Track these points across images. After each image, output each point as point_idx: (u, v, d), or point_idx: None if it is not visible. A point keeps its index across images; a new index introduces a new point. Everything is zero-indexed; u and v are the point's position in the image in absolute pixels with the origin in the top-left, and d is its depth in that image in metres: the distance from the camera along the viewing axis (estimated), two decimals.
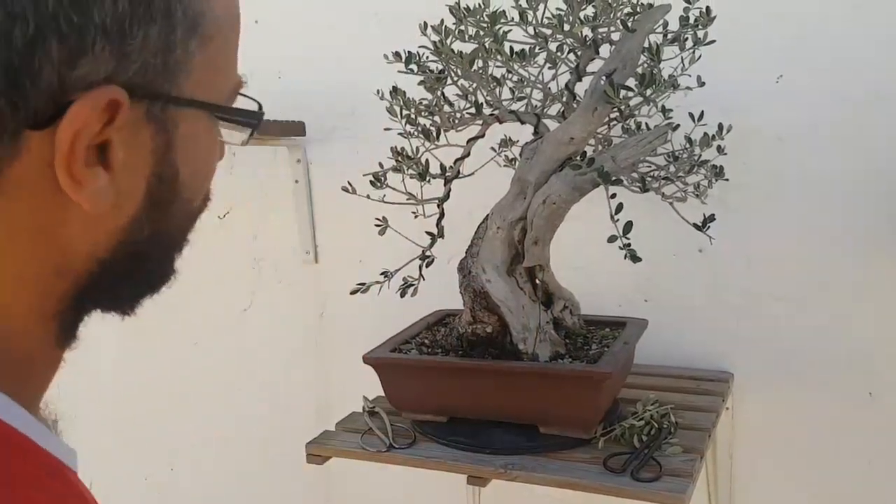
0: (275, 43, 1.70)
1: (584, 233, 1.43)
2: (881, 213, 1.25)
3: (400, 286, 1.18)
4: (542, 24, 1.04)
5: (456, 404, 1.14)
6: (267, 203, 1.80)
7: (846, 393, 1.31)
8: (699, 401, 1.24)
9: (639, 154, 1.02)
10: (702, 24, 1.03)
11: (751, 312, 1.36)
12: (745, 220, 1.34)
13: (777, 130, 1.29)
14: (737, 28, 1.26)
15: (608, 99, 0.96)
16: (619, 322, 1.26)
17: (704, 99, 1.17)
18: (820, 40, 1.24)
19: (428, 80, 1.06)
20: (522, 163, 1.09)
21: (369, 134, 1.64)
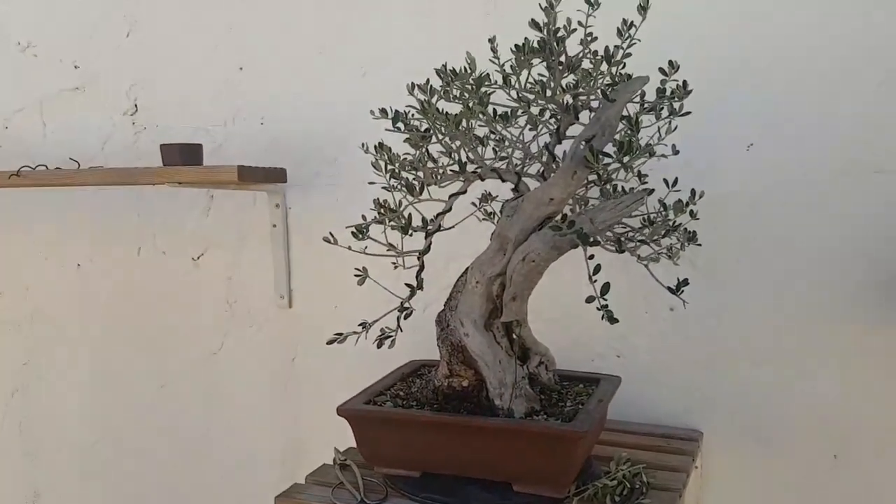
0: (259, 89, 1.72)
1: (561, 286, 1.45)
2: (847, 279, 1.30)
3: (377, 337, 1.18)
4: (524, 89, 1.08)
5: (430, 459, 1.13)
6: (243, 246, 1.80)
7: (812, 454, 1.34)
8: (670, 460, 1.25)
9: (616, 217, 1.05)
10: (678, 97, 1.07)
11: (720, 372, 1.39)
12: (715, 281, 1.37)
13: (747, 197, 1.34)
14: (710, 97, 1.31)
15: (588, 164, 0.99)
16: (593, 378, 1.28)
17: (679, 165, 1.21)
18: (790, 111, 1.30)
19: (413, 137, 1.08)
20: (503, 220, 1.11)
21: (350, 182, 1.66)
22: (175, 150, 1.54)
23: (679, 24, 1.35)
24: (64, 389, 2.04)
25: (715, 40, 1.33)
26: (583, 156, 1.00)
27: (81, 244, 1.95)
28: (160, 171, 1.52)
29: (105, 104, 1.86)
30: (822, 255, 1.31)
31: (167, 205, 1.85)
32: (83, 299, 1.97)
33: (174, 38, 1.79)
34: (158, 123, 1.83)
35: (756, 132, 1.33)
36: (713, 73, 1.32)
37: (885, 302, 1.27)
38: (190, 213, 1.83)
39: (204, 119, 1.78)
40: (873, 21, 1.24)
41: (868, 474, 1.31)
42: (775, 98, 1.31)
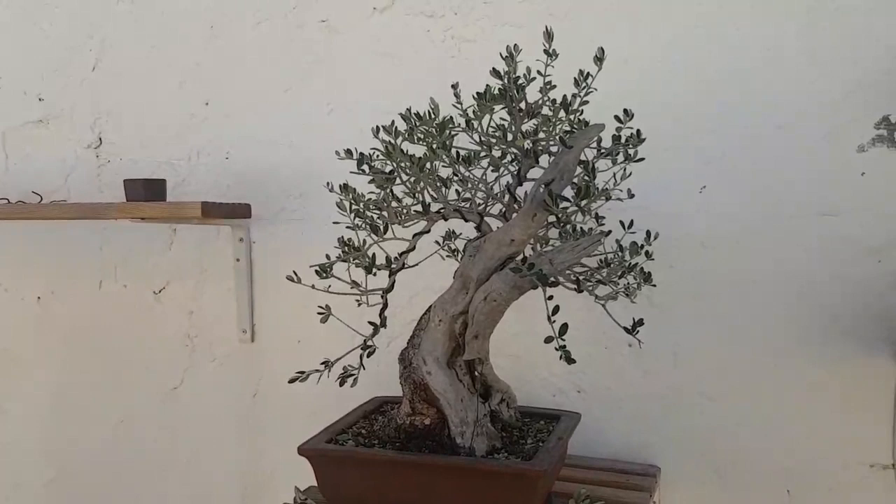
0: (225, 125, 1.73)
1: (522, 324, 1.48)
2: (798, 318, 1.34)
3: (340, 375, 1.18)
4: (486, 133, 1.11)
5: (392, 498, 1.13)
6: (205, 279, 1.79)
7: (766, 489, 1.37)
8: (628, 496, 1.27)
9: (574, 258, 1.08)
10: (633, 144, 1.11)
11: (676, 407, 1.42)
12: (671, 318, 1.41)
13: (700, 237, 1.39)
14: (665, 141, 1.37)
15: (547, 207, 1.03)
16: (554, 415, 1.30)
17: (635, 207, 1.26)
18: (742, 155, 1.36)
19: (378, 179, 1.10)
20: (466, 259, 1.14)
21: (315, 218, 1.67)
22: (139, 185, 1.53)
23: (634, 73, 1.40)
24: (21, 424, 1.99)
25: (669, 88, 1.39)
26: (542, 199, 1.04)
27: (42, 277, 1.92)
28: (123, 207, 1.52)
29: (69, 137, 1.85)
30: (772, 293, 1.35)
31: (129, 238, 1.84)
32: (43, 332, 1.93)
33: (140, 72, 1.79)
34: (122, 157, 1.83)
35: (709, 175, 1.38)
36: (667, 119, 1.38)
37: (835, 339, 1.32)
38: (152, 247, 1.82)
39: (169, 153, 1.78)
40: (817, 73, 1.31)
41: None
42: (727, 143, 1.36)
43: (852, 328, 1.31)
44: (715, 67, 1.36)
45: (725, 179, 1.37)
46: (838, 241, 1.31)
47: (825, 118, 1.31)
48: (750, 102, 1.35)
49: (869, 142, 1.29)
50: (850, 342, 1.31)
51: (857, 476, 1.32)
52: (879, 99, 1.28)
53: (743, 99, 1.35)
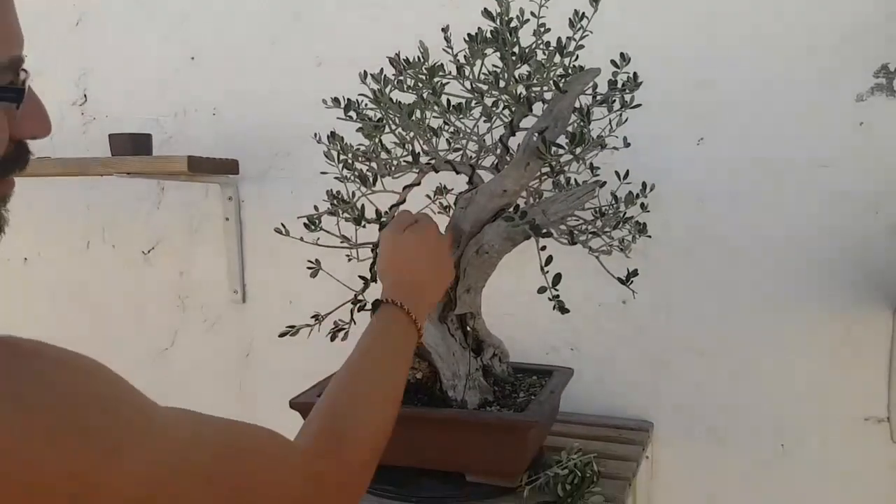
0: (211, 80, 1.69)
1: (515, 281, 1.46)
2: (793, 271, 1.33)
3: (330, 330, 1.16)
4: (478, 80, 1.08)
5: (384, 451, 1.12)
6: (195, 240, 1.77)
7: (759, 444, 1.37)
8: (621, 450, 1.27)
9: (568, 209, 1.06)
10: (629, 89, 1.08)
11: (669, 364, 1.41)
12: (665, 274, 1.40)
13: (697, 190, 1.36)
14: (662, 92, 1.33)
15: (540, 155, 1.00)
16: (546, 370, 1.28)
17: (630, 158, 1.23)
18: (740, 107, 1.33)
19: (366, 127, 1.07)
20: (457, 212, 1.11)
21: (304, 175, 1.64)
22: (124, 139, 1.50)
23: (631, 17, 1.36)
24: None
25: (667, 35, 1.35)
26: (535, 147, 1.01)
27: (28, 238, 1.89)
28: (108, 162, 1.49)
29: (54, 94, 1.79)
30: (769, 247, 1.34)
31: (117, 198, 1.81)
32: (30, 295, 1.91)
33: (124, 27, 1.75)
34: (108, 114, 1.79)
35: (706, 127, 1.35)
36: (665, 67, 1.34)
37: (828, 292, 1.31)
38: (140, 207, 1.79)
39: (155, 110, 1.74)
40: (814, 20, 1.27)
41: (814, 463, 1.34)
42: (725, 94, 1.33)
43: (848, 281, 1.29)
44: (712, 13, 1.32)
45: (723, 131, 1.34)
46: (836, 193, 1.29)
47: (823, 67, 1.28)
48: (748, 52, 1.31)
49: (867, 91, 1.26)
50: (846, 295, 1.30)
51: (851, 430, 1.31)
52: (878, 46, 1.24)
53: (741, 47, 1.31)
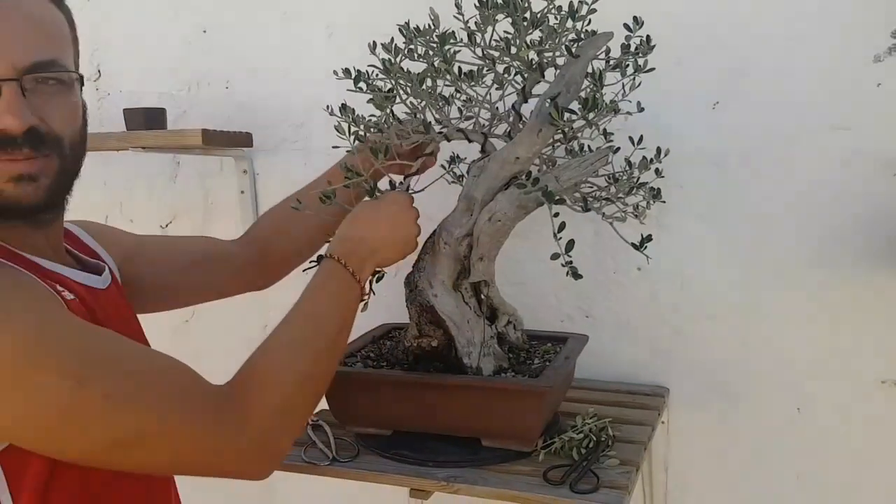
0: (223, 53, 1.69)
1: (529, 250, 1.47)
2: (808, 236, 1.32)
3: None
4: (489, 47, 1.07)
5: (400, 418, 1.14)
6: (211, 213, 1.78)
7: (775, 408, 1.37)
8: (636, 415, 1.28)
9: (581, 175, 1.06)
10: (642, 53, 1.07)
11: (684, 329, 1.42)
12: (680, 240, 1.39)
13: (712, 155, 1.35)
14: (676, 56, 1.32)
15: (552, 121, 1.00)
16: (561, 337, 1.29)
17: (644, 123, 1.22)
18: (755, 71, 1.31)
19: (377, 98, 1.07)
20: (470, 180, 1.11)
21: (318, 147, 1.64)
22: (139, 114, 1.51)
23: None
24: None
25: None
26: (548, 113, 1.00)
27: None
28: (124, 136, 1.50)
29: None
30: (784, 211, 1.32)
31: (132, 172, 1.82)
32: None
33: (136, 1, 1.74)
34: (122, 89, 1.79)
35: (722, 91, 1.33)
36: (679, 31, 1.32)
37: (844, 257, 1.30)
38: (156, 181, 1.81)
39: (169, 84, 1.74)
40: None
41: (830, 427, 1.35)
42: (740, 56, 1.31)
43: (864, 245, 1.28)
44: None
45: (738, 95, 1.33)
46: (852, 156, 1.27)
47: (839, 27, 1.25)
48: (762, 14, 1.29)
49: (885, 51, 1.23)
50: (862, 259, 1.29)
51: (867, 392, 1.31)
52: None
53: (756, 9, 1.29)
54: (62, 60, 0.73)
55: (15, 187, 0.71)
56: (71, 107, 0.75)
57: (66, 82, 0.74)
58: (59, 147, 0.74)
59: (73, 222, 0.96)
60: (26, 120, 0.69)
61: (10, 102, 0.68)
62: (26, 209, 0.73)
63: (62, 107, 0.73)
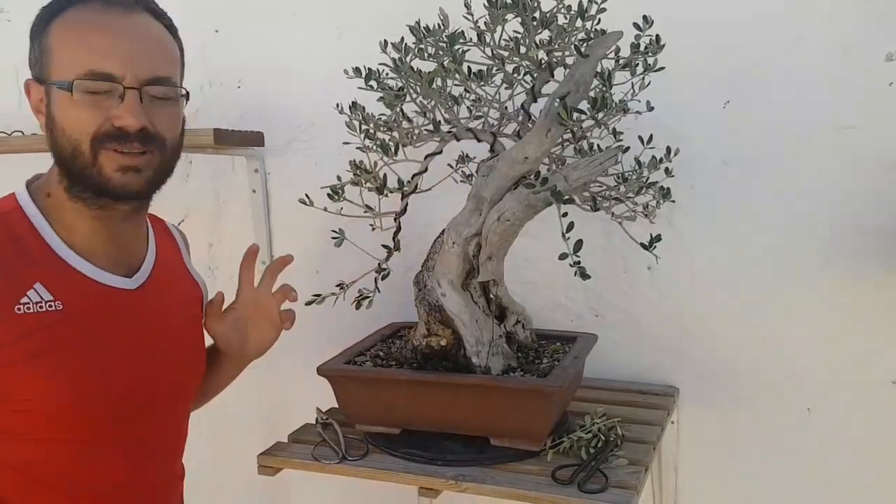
0: (235, 53, 1.70)
1: (538, 249, 1.46)
2: (816, 236, 1.31)
3: (355, 298, 1.19)
4: (499, 46, 1.07)
5: (409, 416, 1.15)
6: (223, 212, 1.79)
7: (785, 408, 1.37)
8: (645, 414, 1.27)
9: (590, 174, 1.06)
10: (651, 52, 1.07)
11: (695, 329, 1.41)
12: (690, 240, 1.39)
13: (722, 155, 1.35)
14: (686, 56, 1.31)
15: (561, 121, 1.00)
16: (570, 337, 1.29)
17: (654, 123, 1.22)
18: (766, 70, 1.30)
19: (387, 96, 1.07)
20: (478, 180, 1.12)
21: (328, 146, 1.65)
22: None
23: None
24: None
25: None
26: (556, 113, 1.00)
27: None
28: None
29: None
30: (794, 211, 1.32)
31: None
32: None
33: None
34: None
35: (732, 90, 1.33)
36: (690, 30, 1.32)
37: (855, 257, 1.29)
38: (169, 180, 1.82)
39: None
40: None
41: (841, 427, 1.34)
42: (751, 55, 1.31)
43: (874, 244, 1.27)
44: None
45: (748, 94, 1.32)
46: (863, 156, 1.26)
47: (851, 26, 1.24)
48: (773, 13, 1.28)
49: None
50: (872, 259, 1.28)
51: (879, 393, 1.30)
52: None
53: (766, 8, 1.28)
54: (174, 79, 0.88)
55: (122, 176, 0.83)
56: (175, 116, 0.89)
57: (174, 97, 0.88)
58: (162, 147, 0.87)
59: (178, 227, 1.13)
60: (140, 121, 0.82)
61: (130, 106, 0.82)
62: (128, 196, 0.86)
63: (169, 115, 0.87)
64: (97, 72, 0.81)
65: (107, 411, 0.87)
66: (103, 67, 0.81)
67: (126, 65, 0.82)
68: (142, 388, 0.91)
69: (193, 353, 1.03)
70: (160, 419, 0.96)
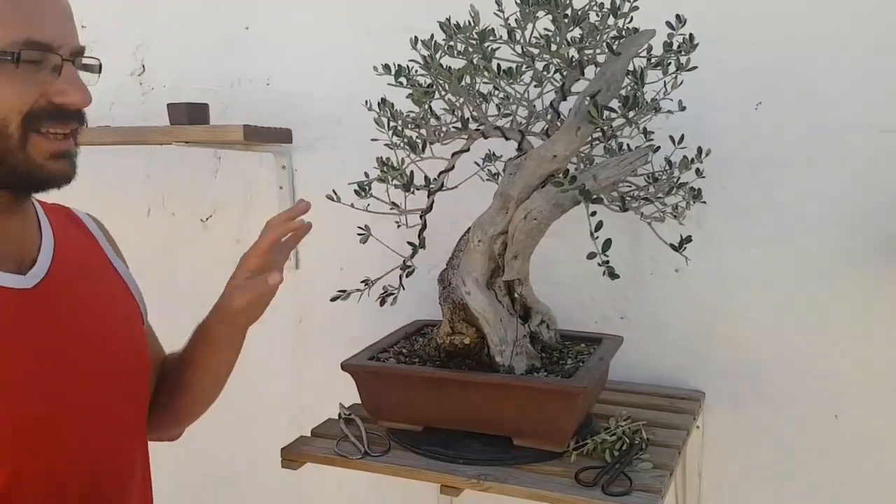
0: (265, 50, 1.71)
1: (566, 250, 1.45)
2: (849, 240, 1.28)
3: (380, 295, 1.19)
4: (529, 44, 1.06)
5: (432, 414, 1.15)
6: (251, 207, 1.80)
7: (813, 415, 1.34)
8: (671, 418, 1.26)
9: (619, 174, 1.04)
10: (684, 51, 1.05)
11: (723, 333, 1.39)
12: (720, 242, 1.37)
13: (754, 156, 1.32)
14: (719, 55, 1.29)
15: (591, 119, 0.99)
16: (595, 338, 1.28)
17: (686, 123, 1.20)
18: (798, 70, 1.28)
19: (416, 93, 1.07)
20: (506, 178, 1.11)
21: (355, 143, 1.65)
22: (182, 109, 1.54)
23: None
24: None
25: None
26: (586, 111, 0.99)
27: (91, 205, 1.96)
28: (167, 130, 1.53)
29: (113, 64, 1.83)
30: (826, 214, 1.29)
31: (175, 166, 1.85)
32: None
33: None
34: (166, 84, 1.83)
35: (765, 91, 1.31)
36: (723, 29, 1.30)
37: (888, 262, 1.26)
38: (198, 176, 1.84)
39: (211, 80, 1.77)
40: None
41: (869, 434, 1.31)
42: (784, 56, 1.28)
43: None
44: None
45: (782, 95, 1.30)
46: None
47: (886, 26, 1.21)
48: (808, 13, 1.26)
49: None
50: None
51: None
52: None
53: (801, 9, 1.26)
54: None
55: (55, 164, 0.73)
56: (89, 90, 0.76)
57: (96, 68, 0.77)
58: (83, 125, 0.77)
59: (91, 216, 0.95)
60: (88, 96, 0.72)
61: (73, 79, 0.71)
62: (59, 185, 0.75)
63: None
64: (35, 41, 0.68)
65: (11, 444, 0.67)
66: (41, 37, 0.68)
67: (62, 33, 0.71)
68: (57, 411, 0.72)
69: (127, 363, 0.84)
70: (92, 456, 0.77)
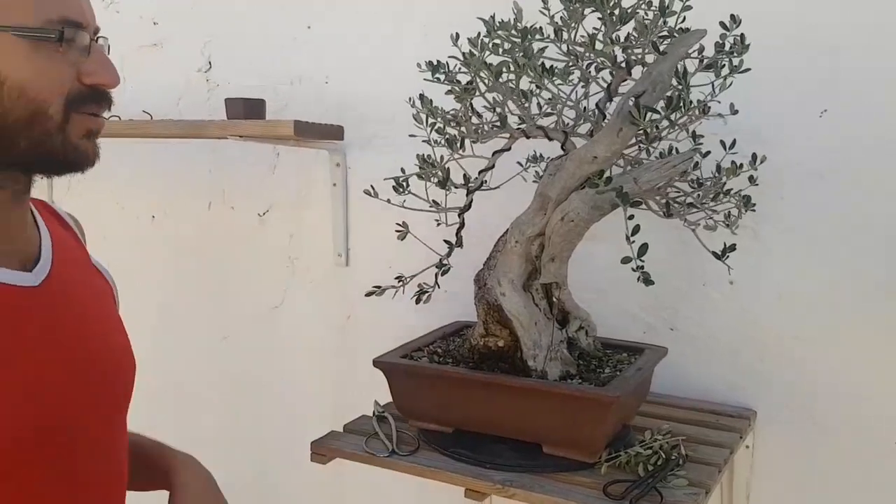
0: (325, 49, 1.74)
1: (612, 257, 1.41)
2: None
3: (415, 293, 1.18)
4: (574, 43, 1.04)
5: (462, 416, 1.13)
6: (305, 204, 1.84)
7: (871, 440, 1.26)
8: (716, 435, 1.20)
9: (662, 177, 1.01)
10: (737, 52, 1.01)
11: (778, 350, 1.32)
12: (778, 256, 1.30)
13: (817, 166, 1.25)
14: (780, 58, 1.23)
15: (633, 120, 0.95)
16: (639, 348, 1.24)
17: (740, 128, 1.15)
18: (869, 79, 1.20)
19: (456, 89, 1.06)
20: (545, 178, 1.09)
21: (407, 142, 1.65)
22: (238, 104, 1.58)
23: None
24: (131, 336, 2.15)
25: None
26: (629, 112, 0.96)
27: (155, 197, 2.04)
28: (223, 124, 1.57)
29: (181, 61, 1.92)
30: (892, 232, 1.21)
31: (236, 162, 1.91)
32: (155, 249, 2.06)
33: None
34: (231, 81, 1.88)
35: (831, 98, 1.23)
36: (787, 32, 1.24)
37: None
38: (257, 171, 1.88)
39: (272, 78, 1.81)
40: None
41: None
42: (853, 62, 1.21)
43: None
44: None
45: (849, 103, 1.22)
46: None
47: None
48: (877, 15, 1.18)
49: None
50: None
51: None
52: None
53: (870, 10, 1.18)
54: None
55: (87, 142, 0.69)
56: None
57: (107, 50, 0.73)
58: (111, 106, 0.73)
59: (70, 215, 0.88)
60: (118, 77, 0.69)
61: (105, 61, 0.68)
62: (88, 165, 0.71)
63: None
64: (71, 19, 0.66)
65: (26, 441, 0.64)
66: (76, 15, 0.66)
67: (88, 11, 0.69)
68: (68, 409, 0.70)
69: (119, 356, 0.84)
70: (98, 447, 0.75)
